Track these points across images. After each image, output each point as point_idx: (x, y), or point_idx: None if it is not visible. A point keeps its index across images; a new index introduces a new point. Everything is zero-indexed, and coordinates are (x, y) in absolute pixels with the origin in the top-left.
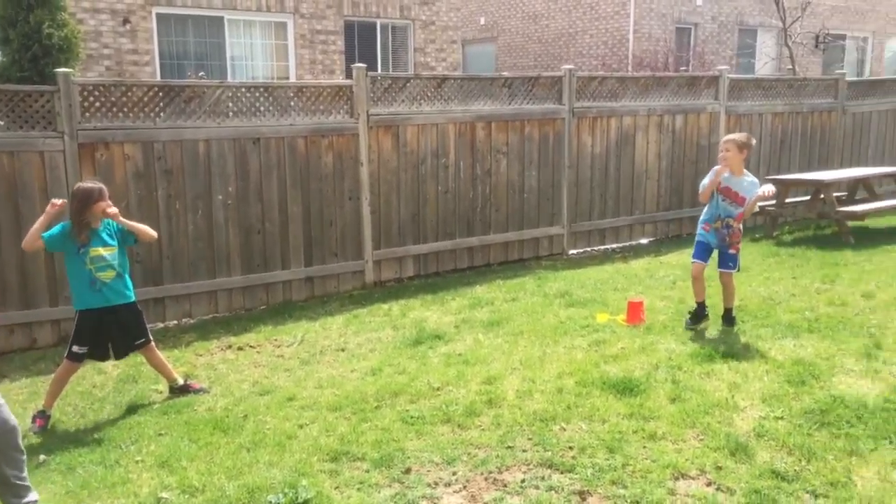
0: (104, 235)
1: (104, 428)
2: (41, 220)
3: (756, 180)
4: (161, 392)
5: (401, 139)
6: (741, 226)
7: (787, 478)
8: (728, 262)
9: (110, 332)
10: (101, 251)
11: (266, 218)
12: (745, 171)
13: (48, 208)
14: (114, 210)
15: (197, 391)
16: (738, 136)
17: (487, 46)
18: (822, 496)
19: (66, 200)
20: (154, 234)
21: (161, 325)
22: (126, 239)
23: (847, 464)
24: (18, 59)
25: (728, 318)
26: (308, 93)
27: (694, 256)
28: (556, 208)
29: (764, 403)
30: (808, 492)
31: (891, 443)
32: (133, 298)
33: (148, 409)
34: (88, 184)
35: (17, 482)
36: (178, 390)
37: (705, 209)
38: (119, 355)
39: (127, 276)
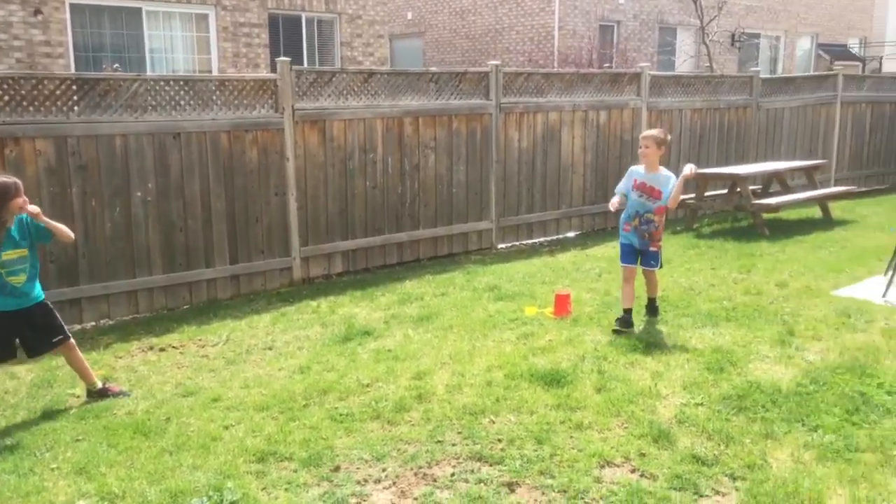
0: (16, 235)
1: (17, 435)
2: None
3: (672, 175)
4: (78, 396)
5: (328, 134)
6: (663, 220)
7: (707, 462)
8: (650, 260)
9: (20, 332)
10: (13, 254)
11: (188, 215)
12: (660, 167)
13: None
14: (35, 209)
15: (116, 395)
16: (655, 132)
17: (415, 41)
18: (741, 478)
19: None
20: (72, 234)
21: (78, 326)
22: (41, 237)
23: (763, 447)
24: None
25: (651, 308)
26: (231, 86)
27: (622, 260)
28: (485, 203)
29: (685, 391)
30: (726, 475)
31: (803, 425)
32: (42, 297)
33: (64, 414)
34: (2, 178)
35: None
36: (96, 394)
37: (625, 209)
38: (34, 354)
39: (37, 277)
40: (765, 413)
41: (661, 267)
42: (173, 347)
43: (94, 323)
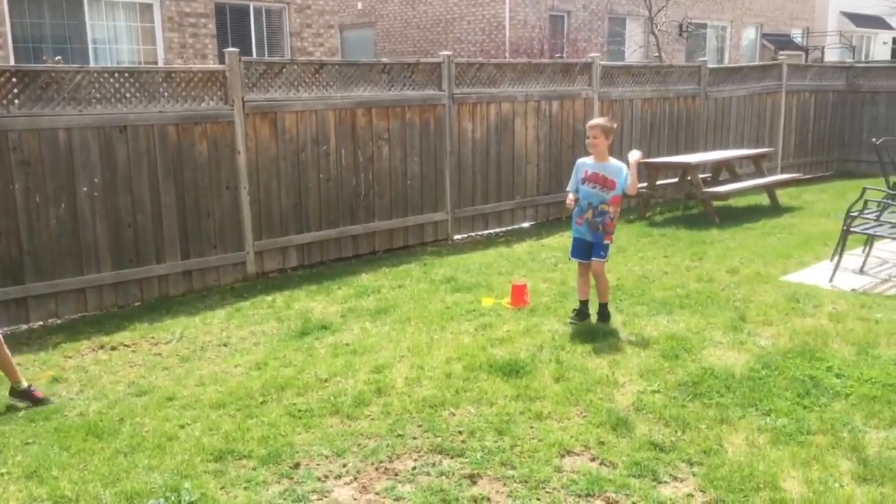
0: None
1: None
2: None
3: (622, 164)
4: None
5: (279, 126)
6: (618, 210)
7: (664, 448)
8: (600, 251)
9: None
10: None
11: (137, 210)
12: (609, 156)
13: None
14: None
15: (39, 400)
16: (602, 120)
17: (365, 32)
18: (697, 464)
19: None
20: None
21: (24, 326)
22: None
23: (718, 432)
24: None
25: (603, 314)
26: (178, 78)
27: (572, 255)
28: (440, 194)
29: (642, 378)
30: (684, 461)
31: (757, 410)
32: None
33: (12, 416)
34: None
35: None
36: (20, 394)
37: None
38: None
39: None
40: (719, 398)
41: (607, 259)
42: (125, 346)
43: (41, 322)
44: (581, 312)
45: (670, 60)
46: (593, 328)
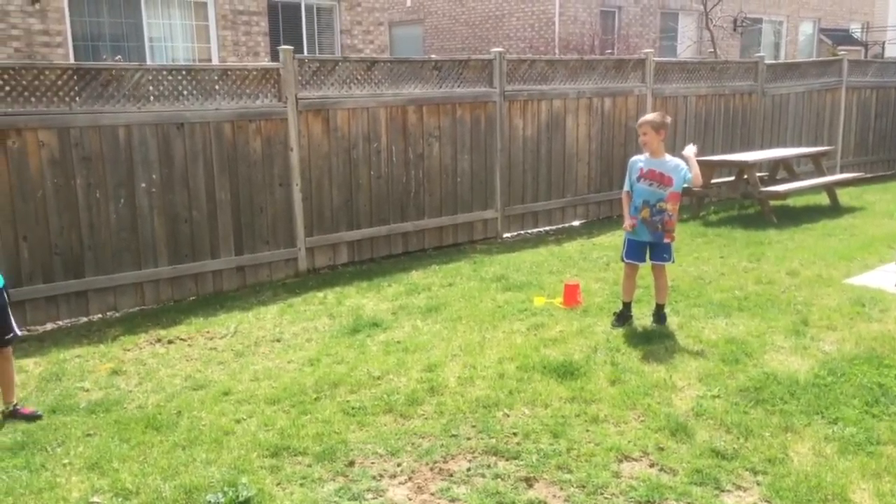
0: None
1: (27, 429)
2: None
3: (679, 160)
4: (88, 390)
5: (331, 123)
6: (677, 208)
7: (726, 456)
8: (663, 253)
9: None
10: None
11: (193, 206)
12: (664, 152)
13: None
14: None
15: (28, 417)
16: (652, 116)
17: (414, 29)
18: (762, 473)
19: None
20: None
21: (84, 319)
22: None
23: (783, 440)
24: None
25: (659, 316)
26: (233, 76)
27: (626, 257)
28: (490, 192)
29: (701, 383)
30: (747, 469)
31: (823, 418)
32: (3, 283)
33: (74, 408)
34: None
35: None
36: (9, 414)
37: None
38: None
39: None
40: (783, 405)
41: (673, 261)
42: (181, 340)
43: (100, 315)
44: (623, 315)
45: (725, 56)
46: (648, 330)
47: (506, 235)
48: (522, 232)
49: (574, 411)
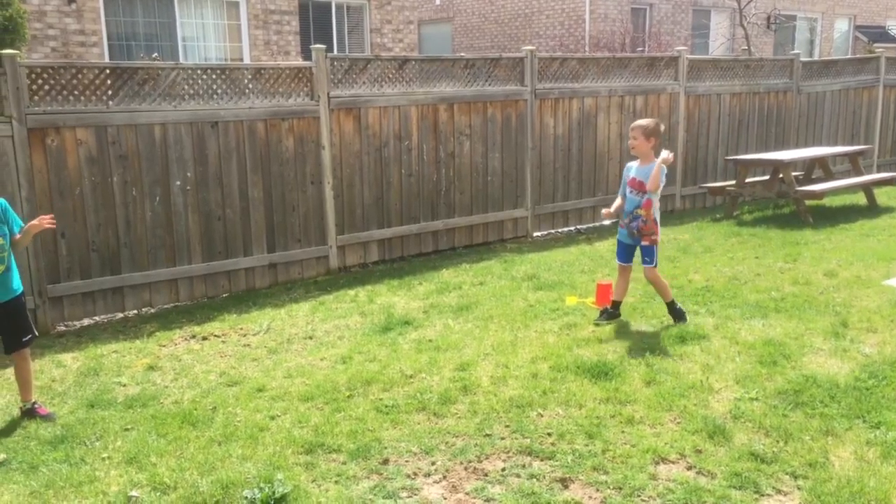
0: None
1: (67, 423)
2: None
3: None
4: (125, 385)
5: (362, 122)
6: (650, 213)
7: (766, 459)
8: (644, 256)
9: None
10: None
11: (226, 203)
12: (653, 159)
13: None
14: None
15: (44, 417)
16: (644, 121)
17: (443, 27)
18: (802, 477)
19: None
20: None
21: (120, 315)
22: (14, 225)
23: (823, 444)
24: None
25: (674, 312)
26: (267, 75)
27: (617, 257)
28: (520, 190)
29: (738, 385)
30: (787, 473)
31: (864, 422)
32: (21, 290)
33: (112, 402)
34: None
35: None
36: (26, 412)
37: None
38: (9, 350)
39: (15, 268)
40: (823, 409)
41: (655, 265)
42: (215, 336)
43: (136, 311)
44: (608, 313)
45: (760, 54)
46: (683, 331)
47: (536, 234)
48: (553, 231)
49: (609, 412)
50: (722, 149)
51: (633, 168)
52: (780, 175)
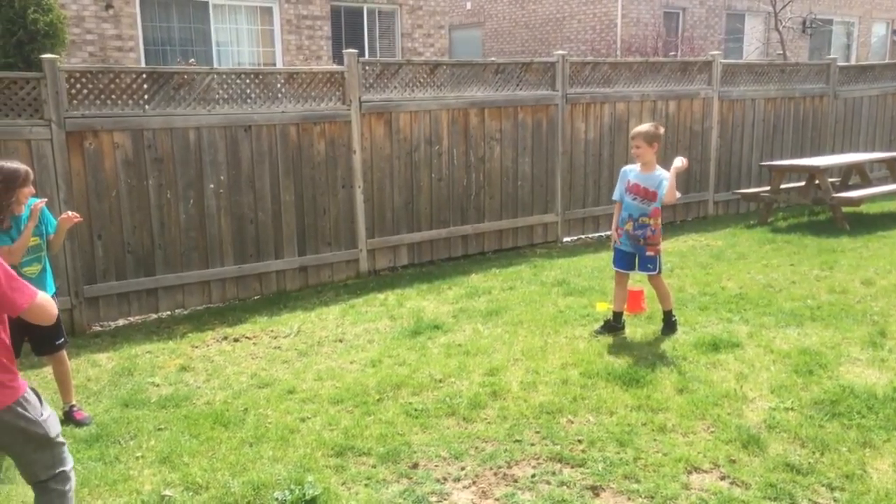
0: (25, 224)
1: (102, 422)
2: None
3: (667, 173)
4: (158, 385)
5: (394, 126)
6: (659, 223)
7: (801, 471)
8: (647, 264)
9: (30, 329)
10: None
11: (258, 206)
12: (656, 165)
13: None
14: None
15: (78, 422)
16: (645, 127)
17: (474, 32)
18: (839, 489)
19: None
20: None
21: (154, 315)
22: (50, 228)
23: (861, 456)
24: (2, 45)
25: (668, 324)
26: (299, 79)
27: (613, 264)
28: (550, 195)
29: (773, 394)
30: (824, 485)
31: None
32: (55, 290)
33: (145, 402)
34: (13, 164)
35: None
36: (65, 414)
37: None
38: (41, 352)
39: (49, 270)
40: (861, 420)
41: (659, 272)
42: (246, 338)
43: (169, 312)
44: (610, 325)
45: (795, 58)
46: (716, 339)
47: (566, 239)
48: (583, 236)
49: (640, 420)
50: (756, 154)
51: (631, 172)
52: (816, 181)
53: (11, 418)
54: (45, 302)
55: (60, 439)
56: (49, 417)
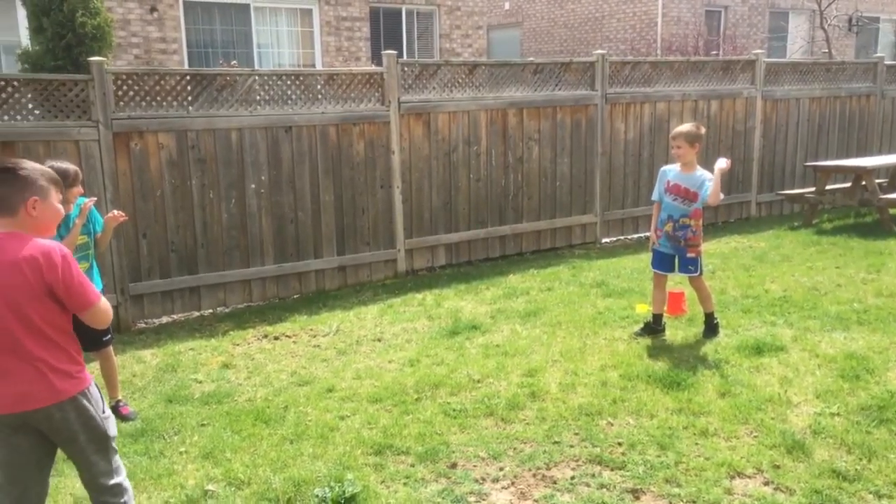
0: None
1: (146, 417)
2: None
3: (708, 173)
4: (201, 382)
5: (432, 127)
6: (700, 224)
7: (848, 477)
8: (687, 265)
9: (79, 325)
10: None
11: (298, 206)
12: (697, 165)
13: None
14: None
15: (123, 417)
16: (687, 127)
17: (512, 32)
18: (886, 497)
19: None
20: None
21: (197, 313)
22: (98, 227)
23: None
24: (52, 47)
25: (709, 327)
26: (339, 80)
27: (652, 265)
28: (589, 196)
29: (818, 399)
30: (871, 492)
31: None
32: (101, 289)
33: (189, 398)
34: (64, 164)
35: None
36: (111, 409)
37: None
38: (89, 348)
39: (96, 268)
40: None
41: (701, 274)
42: (286, 336)
43: (211, 310)
44: (650, 327)
45: (841, 57)
46: (760, 342)
47: (604, 240)
48: (622, 237)
49: (681, 423)
50: (801, 155)
51: (671, 172)
52: (863, 182)
53: (74, 409)
54: (107, 307)
55: (115, 445)
56: (110, 417)
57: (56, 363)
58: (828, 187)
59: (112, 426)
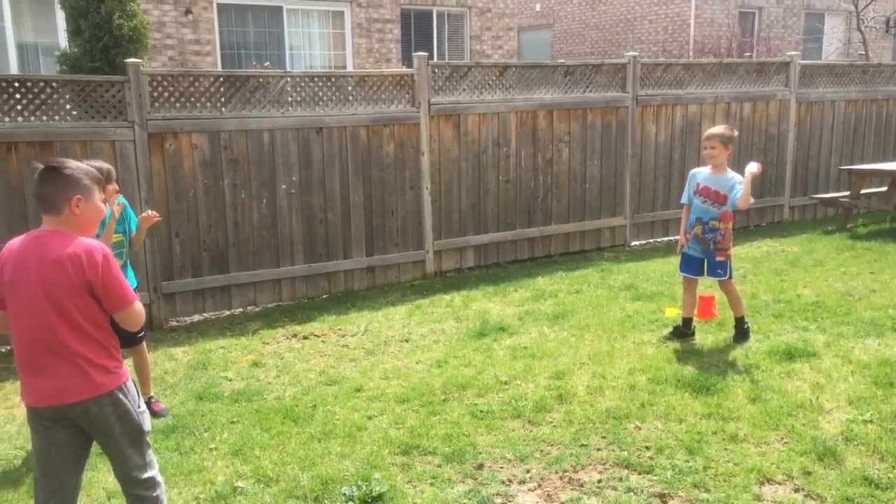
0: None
1: (178, 414)
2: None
3: (738, 176)
4: (231, 380)
5: (462, 128)
6: (730, 227)
7: (880, 485)
8: (717, 269)
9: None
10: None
11: (328, 207)
12: (727, 168)
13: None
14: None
15: (155, 413)
16: (720, 129)
17: (543, 33)
18: None
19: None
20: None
21: (227, 312)
22: (132, 226)
23: None
24: (90, 49)
25: (740, 331)
26: (370, 82)
27: (680, 269)
28: (619, 199)
29: (851, 406)
30: None
31: None
32: (135, 286)
33: (219, 396)
34: (97, 162)
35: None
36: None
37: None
38: (123, 345)
39: (130, 267)
40: None
41: (731, 277)
42: (315, 336)
43: (241, 309)
44: (679, 331)
45: (878, 59)
46: (791, 347)
47: (634, 243)
48: (651, 240)
49: (711, 428)
50: (835, 158)
51: (700, 174)
52: None
53: (111, 403)
54: (141, 309)
55: (149, 440)
56: (145, 412)
57: (95, 358)
58: (863, 191)
59: (147, 421)
